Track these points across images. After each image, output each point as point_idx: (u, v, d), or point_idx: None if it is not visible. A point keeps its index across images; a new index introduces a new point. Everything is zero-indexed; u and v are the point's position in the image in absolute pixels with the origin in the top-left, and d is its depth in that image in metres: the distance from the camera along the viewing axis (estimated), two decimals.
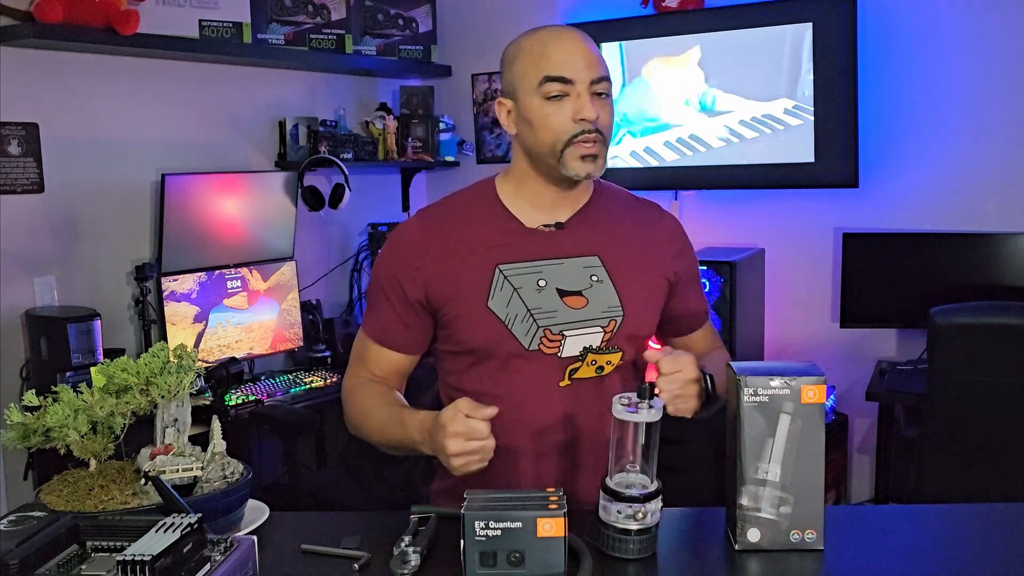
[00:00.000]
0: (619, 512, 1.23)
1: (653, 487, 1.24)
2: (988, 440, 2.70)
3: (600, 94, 1.49)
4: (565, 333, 1.51)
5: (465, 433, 1.31)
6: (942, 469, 2.77)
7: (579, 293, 1.52)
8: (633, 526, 1.22)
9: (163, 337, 3.18)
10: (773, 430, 1.25)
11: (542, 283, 1.52)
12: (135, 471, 1.30)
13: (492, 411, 1.33)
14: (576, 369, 1.52)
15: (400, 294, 1.55)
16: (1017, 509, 1.42)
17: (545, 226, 1.55)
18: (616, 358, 1.54)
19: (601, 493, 1.25)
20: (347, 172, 3.67)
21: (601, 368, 1.53)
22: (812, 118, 3.50)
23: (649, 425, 1.23)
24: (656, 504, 1.24)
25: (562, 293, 1.52)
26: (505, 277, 1.52)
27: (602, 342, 1.52)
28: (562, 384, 1.52)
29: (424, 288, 1.53)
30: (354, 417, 1.59)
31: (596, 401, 1.52)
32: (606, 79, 1.50)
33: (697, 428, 1.61)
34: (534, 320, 1.50)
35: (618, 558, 1.23)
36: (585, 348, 1.51)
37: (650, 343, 1.64)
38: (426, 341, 1.61)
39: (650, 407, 1.22)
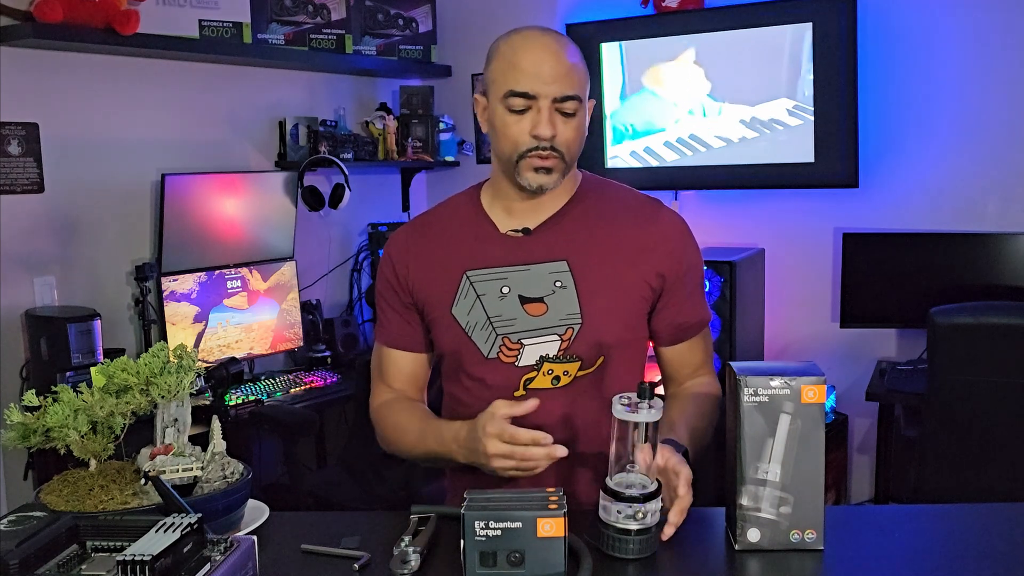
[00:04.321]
0: (619, 512, 1.23)
1: (653, 487, 1.24)
2: (988, 440, 2.70)
3: (566, 112, 1.44)
4: (524, 341, 1.49)
5: (499, 434, 1.32)
6: (942, 469, 2.77)
7: (540, 300, 1.50)
8: (633, 526, 1.22)
9: (163, 337, 3.18)
10: (773, 430, 1.25)
11: (505, 290, 1.50)
12: (135, 471, 1.30)
13: (529, 406, 1.32)
14: (531, 379, 1.49)
15: (396, 296, 1.59)
16: (1017, 509, 1.42)
17: (513, 231, 1.54)
18: (574, 368, 1.49)
19: (601, 493, 1.25)
20: (347, 172, 3.67)
21: (558, 379, 1.49)
22: (812, 118, 3.50)
23: (649, 425, 1.23)
24: (656, 504, 1.24)
25: (524, 300, 1.50)
26: (471, 283, 1.52)
27: (559, 351, 1.49)
28: (516, 395, 1.49)
29: (410, 291, 1.58)
30: (389, 435, 1.60)
31: (548, 415, 1.45)
32: (574, 98, 1.44)
33: None
34: (493, 328, 1.50)
35: (618, 558, 1.23)
36: (541, 357, 1.49)
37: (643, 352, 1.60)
38: (428, 340, 1.62)
39: (650, 407, 1.22)
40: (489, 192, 1.59)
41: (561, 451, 1.31)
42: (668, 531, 1.25)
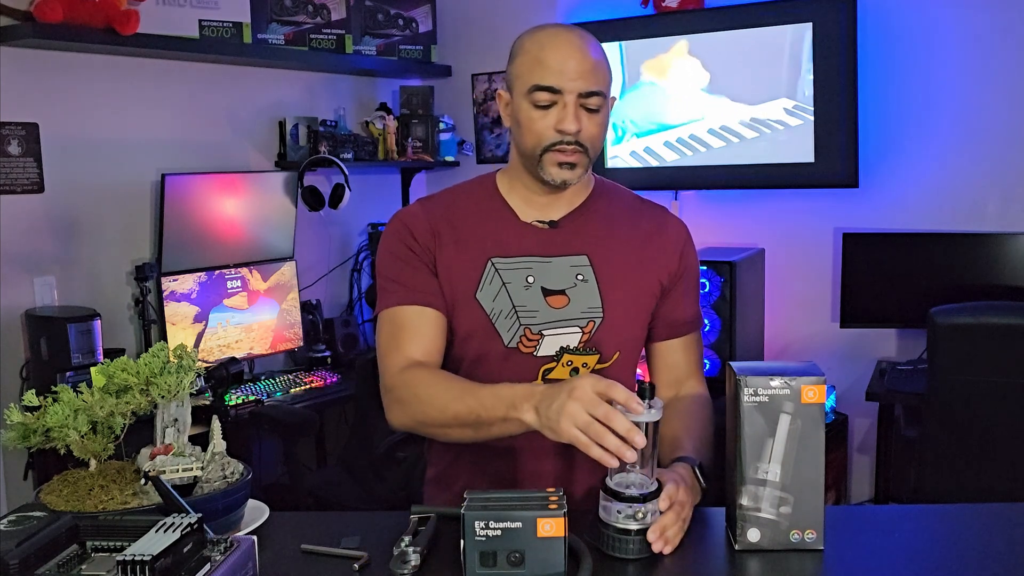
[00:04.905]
0: (619, 512, 1.23)
1: (653, 487, 1.24)
2: (988, 440, 2.70)
3: (590, 108, 1.45)
4: (544, 332, 1.51)
5: (598, 385, 1.21)
6: (942, 469, 2.77)
7: (562, 292, 1.52)
8: (633, 526, 1.22)
9: (163, 337, 3.18)
10: (773, 430, 1.25)
11: (530, 279, 1.52)
12: (135, 471, 1.30)
13: (636, 407, 1.20)
14: (550, 370, 1.51)
15: (419, 259, 1.53)
16: (1017, 509, 1.42)
17: (539, 223, 1.55)
18: (593, 360, 1.52)
19: (601, 493, 1.25)
20: (347, 172, 3.67)
21: (576, 370, 1.51)
22: (812, 118, 3.50)
23: (649, 425, 1.23)
24: (656, 504, 1.24)
25: (546, 292, 1.51)
26: (496, 270, 1.52)
27: (579, 343, 1.51)
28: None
29: (434, 263, 1.53)
30: (420, 392, 1.43)
31: None
32: (599, 94, 1.45)
33: None
34: (518, 317, 1.50)
35: (618, 558, 1.23)
36: (561, 348, 1.51)
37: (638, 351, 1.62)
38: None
39: (650, 407, 1.22)
40: (508, 182, 1.58)
41: (631, 456, 1.19)
42: (657, 546, 1.23)
